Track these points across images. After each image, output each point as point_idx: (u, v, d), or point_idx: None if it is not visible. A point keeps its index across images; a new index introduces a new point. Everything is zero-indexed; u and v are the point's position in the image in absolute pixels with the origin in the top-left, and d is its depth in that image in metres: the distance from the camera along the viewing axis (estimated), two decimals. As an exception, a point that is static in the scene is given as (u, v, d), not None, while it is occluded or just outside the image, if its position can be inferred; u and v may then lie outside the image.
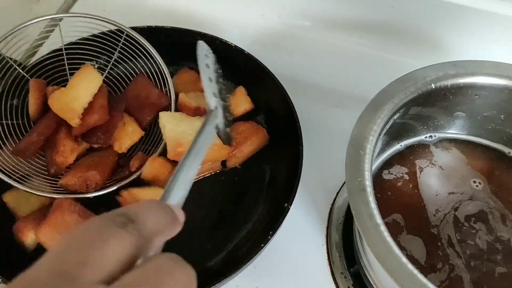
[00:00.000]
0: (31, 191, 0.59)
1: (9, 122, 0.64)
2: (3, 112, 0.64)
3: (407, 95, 0.52)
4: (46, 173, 0.62)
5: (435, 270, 0.51)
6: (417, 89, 0.52)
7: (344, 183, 0.66)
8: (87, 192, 0.61)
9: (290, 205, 0.57)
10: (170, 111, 0.67)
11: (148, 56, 0.69)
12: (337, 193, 0.66)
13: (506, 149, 0.60)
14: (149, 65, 0.70)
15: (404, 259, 0.41)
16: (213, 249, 0.60)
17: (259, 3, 0.85)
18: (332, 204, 0.65)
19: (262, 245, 0.55)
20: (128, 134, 0.65)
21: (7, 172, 0.59)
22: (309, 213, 0.65)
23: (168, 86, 0.69)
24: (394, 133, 0.59)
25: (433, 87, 0.53)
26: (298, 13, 0.84)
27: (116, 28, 0.69)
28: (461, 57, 0.58)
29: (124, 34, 0.69)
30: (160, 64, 0.68)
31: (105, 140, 0.63)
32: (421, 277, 0.41)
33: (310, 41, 0.83)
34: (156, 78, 0.70)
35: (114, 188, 0.61)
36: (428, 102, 0.55)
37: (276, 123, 0.69)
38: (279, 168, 0.66)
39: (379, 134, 0.50)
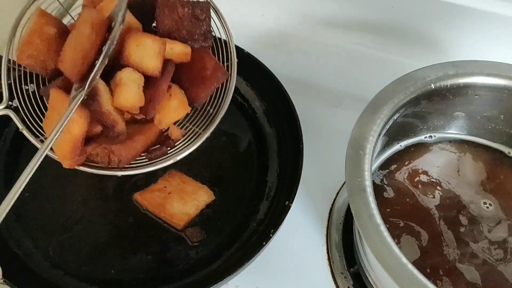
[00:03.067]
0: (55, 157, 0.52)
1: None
2: None
3: (407, 95, 0.52)
4: None
5: (435, 270, 0.51)
6: (417, 89, 0.52)
7: (344, 183, 0.66)
8: (109, 168, 0.53)
9: (291, 203, 0.57)
10: (227, 90, 0.57)
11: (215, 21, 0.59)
12: (337, 193, 0.66)
13: (506, 149, 0.60)
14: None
15: (404, 259, 0.41)
16: (213, 249, 0.60)
17: (259, 3, 0.85)
18: (332, 204, 0.65)
19: (264, 243, 0.55)
20: (172, 109, 0.54)
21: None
22: (309, 213, 0.65)
23: (231, 61, 0.58)
24: (394, 133, 0.59)
25: (433, 87, 0.53)
26: (298, 13, 0.84)
27: None
28: (461, 57, 0.58)
29: None
30: (227, 31, 0.59)
31: (146, 110, 0.53)
32: (421, 277, 0.41)
33: (310, 41, 0.83)
34: (219, 50, 0.60)
35: (139, 171, 0.53)
36: (428, 102, 0.55)
37: (277, 123, 0.69)
38: (279, 168, 0.66)
39: (379, 134, 0.50)
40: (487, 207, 0.56)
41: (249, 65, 0.70)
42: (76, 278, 0.58)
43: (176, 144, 0.55)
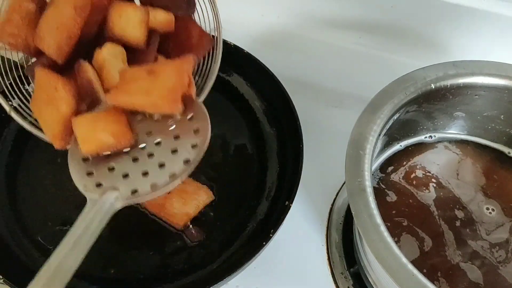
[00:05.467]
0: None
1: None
2: None
3: (407, 95, 0.52)
4: None
5: (435, 270, 0.51)
6: (417, 89, 0.52)
7: (344, 183, 0.66)
8: None
9: (291, 203, 0.57)
10: (215, 57, 0.55)
11: None
12: (337, 193, 0.66)
13: (506, 149, 0.60)
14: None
15: (404, 259, 0.41)
16: (213, 249, 0.60)
17: (259, 3, 0.85)
18: (332, 204, 0.65)
19: (264, 243, 0.55)
20: None
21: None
22: (309, 213, 0.65)
23: (217, 27, 0.56)
24: (394, 133, 0.59)
25: (433, 87, 0.53)
26: (298, 13, 0.84)
27: None
28: (461, 57, 0.58)
29: None
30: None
31: None
32: (421, 277, 0.41)
33: (310, 41, 0.83)
34: (203, 19, 0.57)
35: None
36: (428, 102, 0.55)
37: (277, 123, 0.69)
38: (279, 168, 0.66)
39: (379, 134, 0.50)
40: (488, 207, 0.56)
41: (249, 65, 0.70)
42: (75, 277, 0.57)
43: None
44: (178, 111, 0.46)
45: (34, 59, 0.58)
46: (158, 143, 0.46)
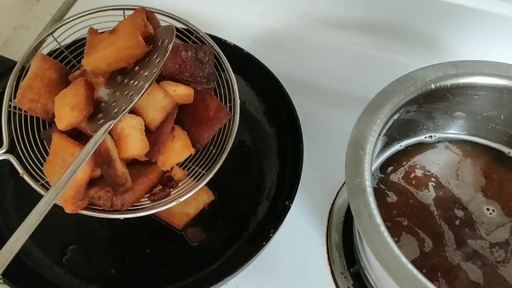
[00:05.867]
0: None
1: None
2: None
3: (406, 95, 0.52)
4: None
5: (435, 270, 0.51)
6: (417, 89, 0.52)
7: (344, 183, 0.66)
8: (112, 211, 0.53)
9: (291, 203, 0.57)
10: (231, 130, 0.58)
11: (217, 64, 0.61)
12: (337, 193, 0.66)
13: (506, 149, 0.60)
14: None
15: (404, 259, 0.41)
16: (213, 249, 0.60)
17: (259, 3, 0.85)
18: (332, 204, 0.65)
19: (264, 243, 0.55)
20: (175, 150, 0.54)
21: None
22: (309, 213, 0.65)
23: (234, 102, 0.59)
24: (394, 133, 0.59)
25: (433, 87, 0.53)
26: (298, 13, 0.84)
27: (185, 28, 0.62)
28: (461, 57, 0.58)
29: (194, 35, 0.62)
30: (228, 73, 0.60)
31: (151, 154, 0.53)
32: (421, 277, 0.41)
33: (310, 41, 0.83)
34: (221, 91, 0.61)
35: (143, 214, 0.53)
36: (428, 102, 0.55)
37: (277, 123, 0.69)
38: (279, 168, 0.66)
39: (379, 134, 0.50)
40: (487, 207, 0.56)
41: (249, 65, 0.71)
42: (75, 277, 0.58)
43: (179, 185, 0.56)
44: (141, 47, 0.51)
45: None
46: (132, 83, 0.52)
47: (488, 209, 0.56)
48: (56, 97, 0.52)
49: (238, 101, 0.59)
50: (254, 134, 0.70)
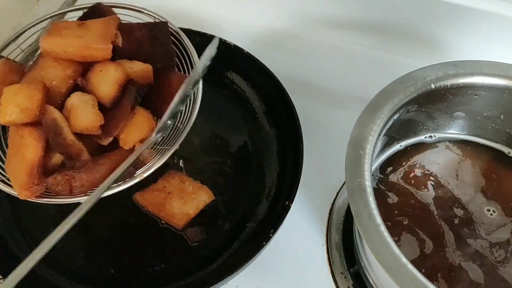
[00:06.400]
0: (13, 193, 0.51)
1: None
2: None
3: (407, 95, 0.52)
4: None
5: (435, 269, 0.51)
6: (417, 89, 0.52)
7: (344, 183, 0.66)
8: (72, 195, 0.51)
9: (291, 203, 0.57)
10: (195, 100, 0.56)
11: (180, 46, 0.60)
12: (337, 193, 0.66)
13: (506, 149, 0.60)
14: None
15: (404, 259, 0.41)
16: (213, 249, 0.60)
17: (259, 3, 0.85)
18: (332, 204, 0.65)
19: (264, 243, 0.55)
20: (136, 126, 0.53)
21: None
22: (309, 213, 0.65)
23: (198, 72, 0.54)
24: (394, 133, 0.59)
25: (433, 87, 0.53)
26: (298, 13, 0.84)
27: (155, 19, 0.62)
28: (461, 57, 0.58)
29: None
30: (188, 48, 0.59)
31: (108, 129, 0.51)
32: (421, 277, 0.41)
33: (310, 41, 0.83)
34: (185, 69, 0.60)
35: (106, 193, 0.50)
36: (428, 102, 0.55)
37: (277, 123, 0.69)
38: (279, 168, 0.66)
39: (379, 134, 0.50)
40: (487, 207, 0.56)
41: (249, 65, 0.71)
42: (75, 278, 0.58)
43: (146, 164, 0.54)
44: (108, 53, 0.52)
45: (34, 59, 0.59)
46: None
47: (488, 210, 0.56)
48: (6, 88, 0.50)
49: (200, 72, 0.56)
50: (254, 134, 0.70)
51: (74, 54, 0.52)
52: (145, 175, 0.53)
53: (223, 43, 0.71)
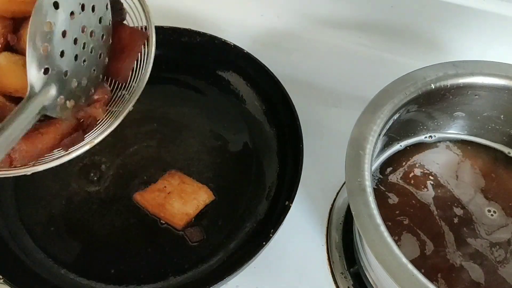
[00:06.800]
0: None
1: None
2: None
3: (407, 95, 0.52)
4: None
5: (435, 269, 0.51)
6: (417, 89, 0.52)
7: (344, 183, 0.66)
8: (14, 168, 0.44)
9: (291, 203, 0.57)
10: (148, 56, 0.51)
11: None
12: (337, 193, 0.66)
13: (506, 149, 0.60)
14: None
15: (404, 259, 0.41)
16: (213, 249, 0.60)
17: (259, 3, 0.85)
18: (332, 204, 0.65)
19: (264, 243, 0.55)
20: None
21: None
22: (309, 213, 0.65)
23: (148, 23, 0.52)
24: (394, 133, 0.59)
25: (433, 87, 0.53)
26: (298, 13, 0.84)
27: None
28: (461, 57, 0.58)
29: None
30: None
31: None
32: (421, 277, 0.41)
33: (310, 41, 0.83)
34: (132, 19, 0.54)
35: (54, 163, 0.45)
36: (428, 102, 0.55)
37: (276, 123, 0.69)
38: (279, 168, 0.66)
39: (379, 134, 0.50)
40: (487, 207, 0.56)
41: (249, 65, 0.71)
42: (75, 277, 0.58)
43: (97, 124, 0.49)
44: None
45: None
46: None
47: (489, 211, 0.56)
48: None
49: (153, 24, 0.52)
50: (254, 134, 0.70)
51: (3, 10, 0.46)
52: (97, 141, 0.46)
53: (223, 43, 0.71)
